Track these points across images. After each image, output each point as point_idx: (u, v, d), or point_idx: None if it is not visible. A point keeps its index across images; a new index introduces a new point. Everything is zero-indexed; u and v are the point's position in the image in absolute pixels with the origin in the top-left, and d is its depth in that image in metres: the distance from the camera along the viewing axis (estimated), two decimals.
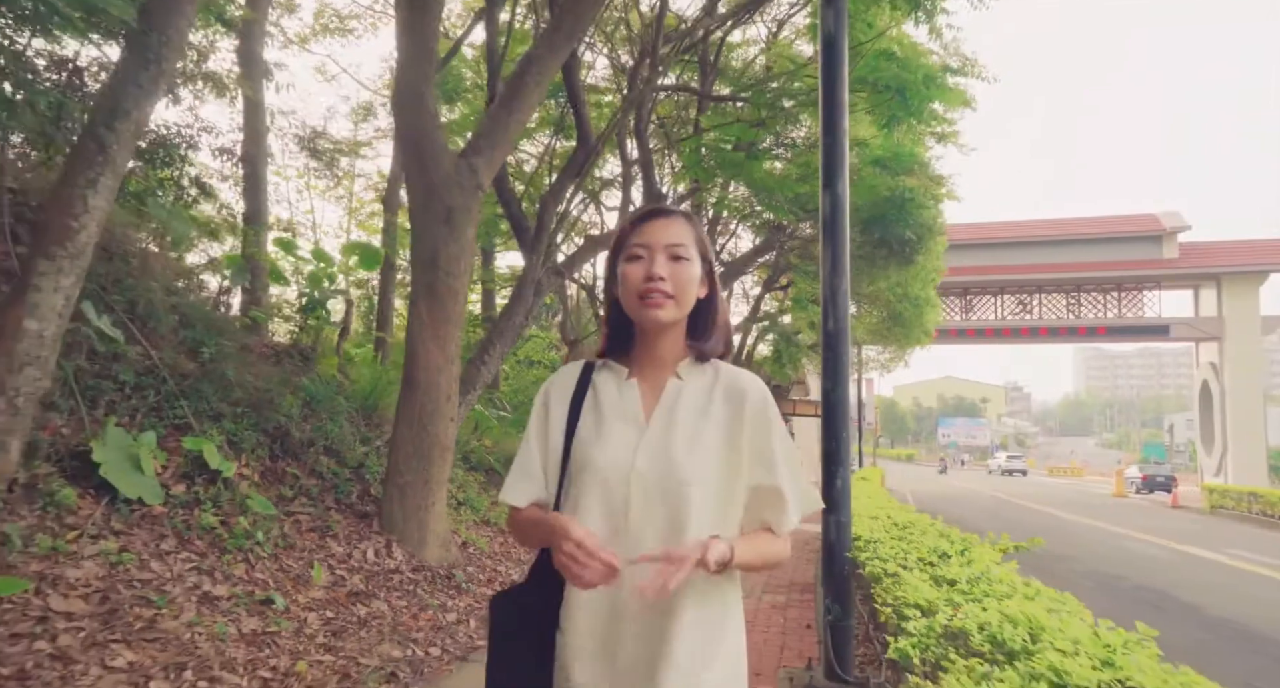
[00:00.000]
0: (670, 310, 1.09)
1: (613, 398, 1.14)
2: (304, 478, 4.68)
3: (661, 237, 1.10)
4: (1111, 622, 1.94)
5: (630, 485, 1.06)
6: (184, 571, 3.23)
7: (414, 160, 4.70)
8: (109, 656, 2.46)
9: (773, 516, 1.11)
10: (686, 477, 1.05)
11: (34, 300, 2.97)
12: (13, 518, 2.80)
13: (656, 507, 1.05)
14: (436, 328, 4.71)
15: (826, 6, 4.03)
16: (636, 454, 1.08)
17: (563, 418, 1.15)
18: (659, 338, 1.13)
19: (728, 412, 1.11)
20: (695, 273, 1.11)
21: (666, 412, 1.11)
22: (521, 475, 1.15)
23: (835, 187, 3.92)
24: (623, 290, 1.11)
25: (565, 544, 0.95)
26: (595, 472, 1.08)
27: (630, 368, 1.16)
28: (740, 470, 1.10)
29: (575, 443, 1.13)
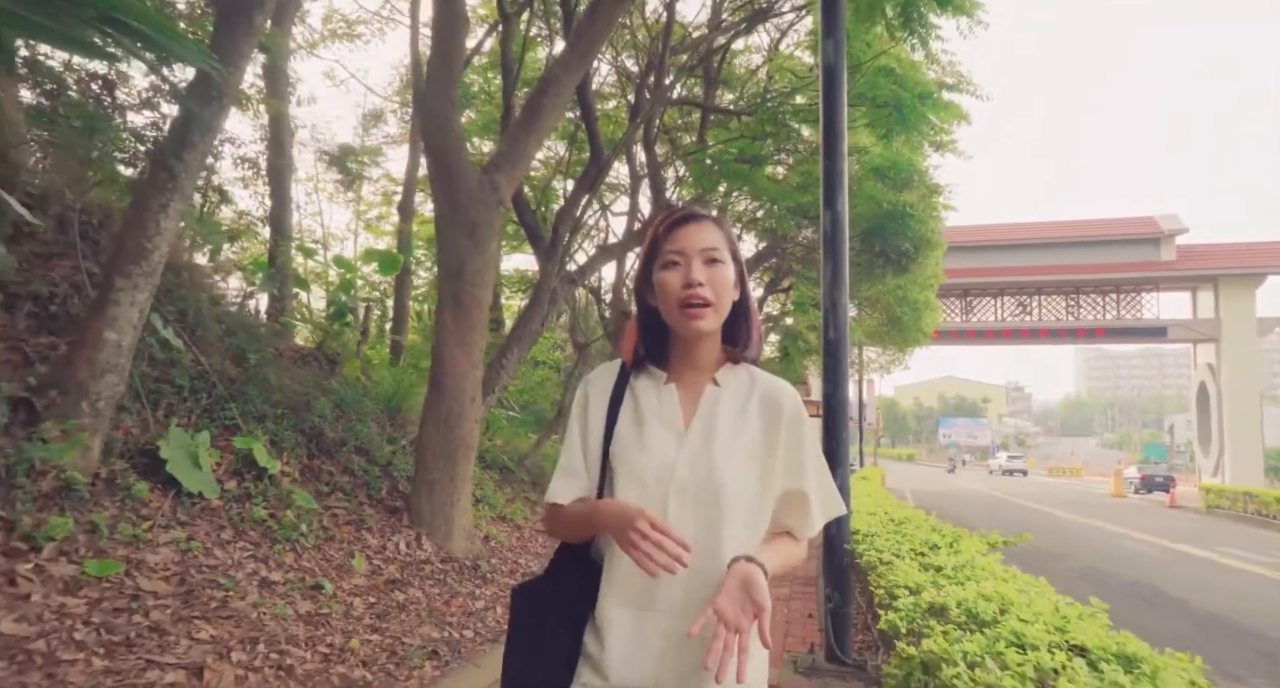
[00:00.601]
0: (711, 319, 1.10)
1: (652, 403, 1.15)
2: (338, 475, 5.01)
3: (696, 241, 1.11)
4: (1070, 598, 2.26)
5: (669, 491, 1.07)
6: (243, 558, 3.56)
7: (440, 177, 5.02)
8: (194, 630, 2.79)
9: (797, 521, 1.14)
10: (724, 484, 1.07)
11: (113, 314, 3.30)
12: (98, 509, 3.13)
13: (693, 512, 1.06)
14: (462, 335, 5.04)
15: (827, 38, 4.34)
16: (677, 460, 1.09)
17: (601, 419, 1.16)
18: (698, 345, 1.14)
19: (764, 420, 1.13)
20: (730, 276, 1.12)
21: (706, 419, 1.12)
22: (567, 475, 1.16)
23: (835, 205, 4.23)
24: (661, 299, 1.12)
25: (639, 523, 0.96)
26: (635, 476, 1.10)
27: (668, 373, 1.17)
28: (774, 479, 1.12)
29: (615, 446, 1.13)
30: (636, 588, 1.06)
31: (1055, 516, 17.62)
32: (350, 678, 3.01)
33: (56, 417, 3.14)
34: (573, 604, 1.11)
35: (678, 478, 1.07)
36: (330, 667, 3.03)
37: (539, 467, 8.87)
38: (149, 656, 2.54)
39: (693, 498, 1.07)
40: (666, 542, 0.94)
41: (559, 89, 5.40)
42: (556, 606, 1.12)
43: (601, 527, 1.05)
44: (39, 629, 2.38)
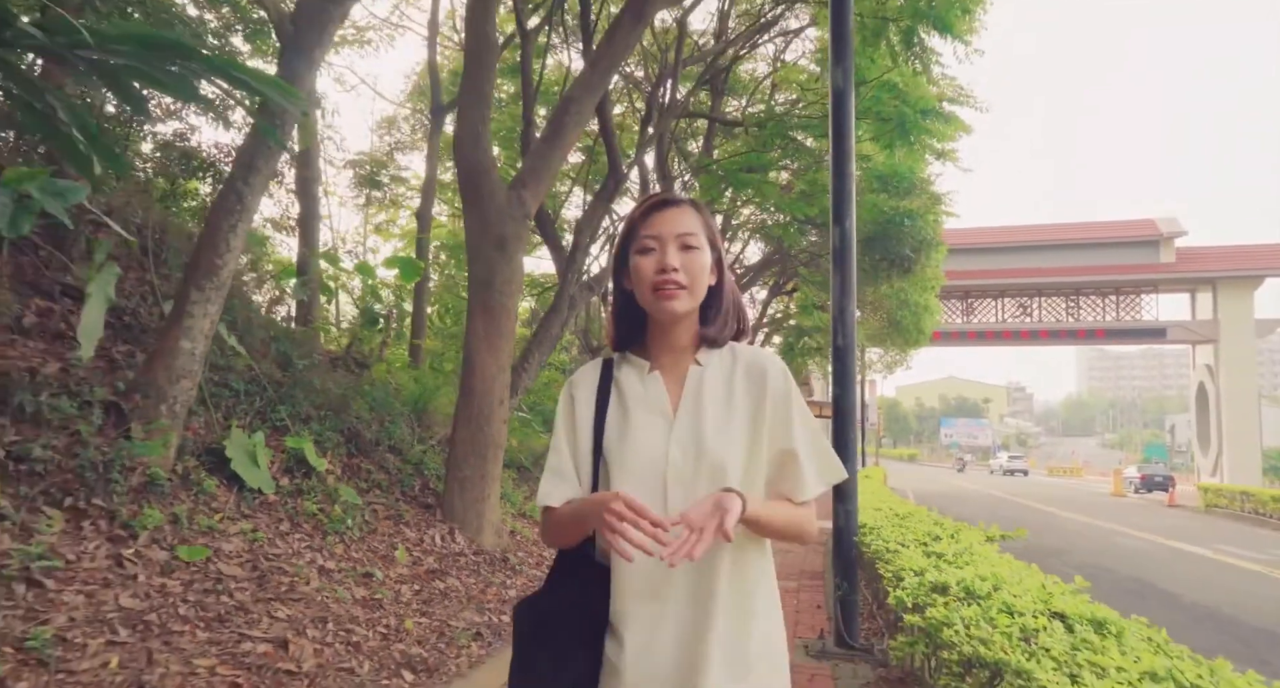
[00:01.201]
0: (684, 301, 1.09)
1: (637, 391, 1.14)
2: (375, 473, 5.33)
3: (672, 227, 1.10)
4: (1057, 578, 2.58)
5: (666, 477, 1.07)
6: (301, 548, 3.88)
7: (471, 193, 5.35)
8: (272, 610, 3.11)
9: (790, 482, 1.11)
10: (720, 463, 1.06)
11: (187, 325, 3.63)
12: (178, 502, 3.45)
13: (693, 496, 1.04)
14: (491, 341, 5.36)
15: (836, 66, 4.66)
16: (669, 446, 1.08)
17: (589, 416, 1.15)
18: (674, 328, 1.14)
19: (751, 391, 1.13)
20: (706, 261, 1.12)
21: (692, 400, 1.11)
22: (555, 478, 1.14)
23: (844, 222, 4.55)
24: (636, 283, 1.12)
25: (614, 504, 0.94)
26: (629, 467, 1.09)
27: (650, 360, 1.16)
28: (763, 446, 1.11)
29: (605, 440, 1.13)
30: (644, 581, 1.05)
31: (1055, 514, 17.89)
32: (409, 654, 3.33)
33: (140, 419, 3.47)
34: (579, 615, 1.08)
35: (672, 464, 1.07)
36: (390, 644, 3.36)
37: None
38: (240, 630, 2.86)
39: (690, 482, 1.06)
40: (641, 521, 0.92)
41: (580, 108, 5.72)
42: (562, 619, 1.09)
43: (587, 517, 1.02)
44: (149, 604, 2.71)
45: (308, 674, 2.79)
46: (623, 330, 1.19)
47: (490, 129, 5.51)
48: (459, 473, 5.33)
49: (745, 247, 12.35)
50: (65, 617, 2.40)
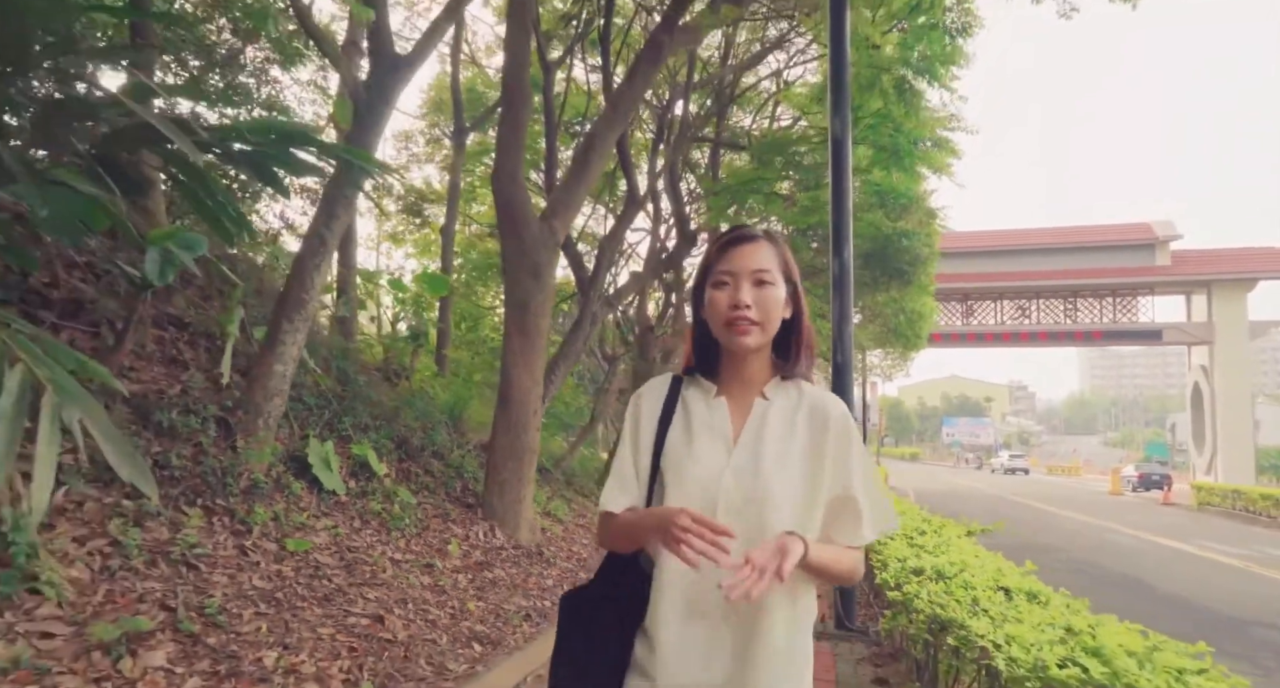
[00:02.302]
0: (756, 337, 1.13)
1: (702, 415, 1.17)
2: (423, 476, 5.95)
3: (747, 262, 1.13)
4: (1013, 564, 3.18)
5: (718, 501, 1.09)
6: (373, 541, 4.50)
7: (508, 225, 5.96)
8: (363, 592, 3.73)
9: (848, 529, 1.13)
10: (771, 496, 1.08)
11: (279, 351, 4.25)
12: (275, 503, 4.07)
13: (740, 523, 1.06)
14: (526, 357, 5.98)
15: (834, 116, 5.26)
16: (725, 472, 1.11)
17: (652, 430, 1.19)
18: (746, 360, 1.17)
19: (812, 432, 1.15)
20: (780, 296, 1.15)
21: (754, 432, 1.14)
22: (619, 484, 1.18)
23: (842, 254, 5.15)
24: (711, 316, 1.15)
25: (681, 518, 0.97)
26: (685, 486, 1.12)
27: (718, 385, 1.20)
28: (822, 489, 1.13)
29: (665, 456, 1.16)
30: (685, 595, 1.08)
31: (1052, 512, 18.43)
32: (475, 630, 3.95)
33: (244, 432, 4.09)
34: (620, 612, 1.13)
35: (725, 489, 1.10)
36: (458, 622, 3.97)
37: (573, 469, 9.81)
38: (344, 607, 3.48)
39: (740, 509, 1.09)
40: (706, 532, 0.96)
41: (602, 144, 6.34)
42: (604, 613, 1.14)
43: (647, 529, 1.06)
44: (274, 585, 3.33)
45: (402, 643, 3.41)
46: (699, 356, 1.22)
47: (523, 165, 6.11)
48: (498, 476, 5.95)
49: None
50: (220, 593, 3.02)
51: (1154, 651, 1.69)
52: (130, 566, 2.85)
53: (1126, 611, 2.63)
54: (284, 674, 2.73)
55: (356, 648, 3.17)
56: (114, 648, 2.37)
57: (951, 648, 2.32)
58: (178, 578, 2.96)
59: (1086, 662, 1.61)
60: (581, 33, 8.72)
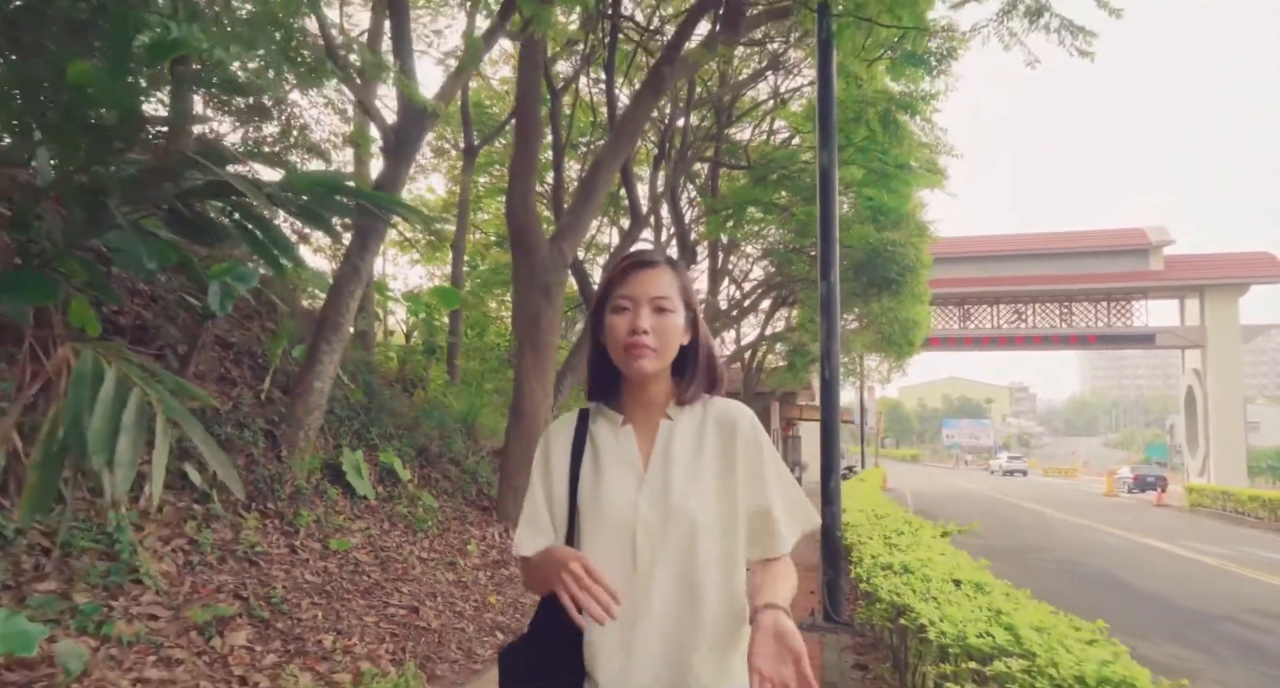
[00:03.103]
0: (652, 361, 1.12)
1: (610, 445, 1.17)
2: (441, 481, 6.40)
3: (646, 289, 1.13)
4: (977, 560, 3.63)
5: (636, 531, 1.09)
6: (401, 542, 4.95)
7: (520, 248, 6.41)
8: (398, 587, 4.19)
9: (767, 541, 1.13)
10: (689, 517, 1.08)
11: (318, 369, 4.71)
12: (315, 507, 4.53)
13: (664, 549, 1.08)
14: (539, 371, 6.43)
15: (822, 149, 5.72)
16: (639, 500, 1.11)
17: (565, 467, 1.18)
18: (646, 384, 1.17)
19: (720, 443, 1.15)
20: (678, 323, 1.14)
21: (662, 454, 1.14)
22: (531, 527, 1.17)
23: (829, 277, 5.60)
24: (609, 340, 1.15)
25: (572, 564, 0.97)
26: (600, 520, 1.11)
27: (624, 413, 1.19)
28: (738, 499, 1.13)
29: (579, 492, 1.15)
30: (618, 635, 1.06)
31: (1045, 514, 18.84)
32: (497, 621, 4.40)
33: (287, 443, 4.55)
34: (557, 659, 1.11)
35: (642, 517, 1.09)
36: (481, 614, 4.43)
37: None
38: (383, 599, 3.94)
39: (660, 535, 1.08)
40: (595, 588, 0.95)
41: (607, 171, 6.80)
42: (541, 662, 1.13)
43: (547, 573, 1.04)
44: (322, 579, 3.78)
45: (435, 631, 3.86)
46: (597, 382, 1.22)
47: (535, 193, 6.58)
48: (511, 482, 6.40)
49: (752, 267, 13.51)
50: (280, 585, 3.48)
51: (1054, 626, 2.14)
52: (206, 561, 3.31)
53: (1100, 607, 3.06)
54: (341, 654, 3.18)
55: (398, 634, 3.63)
56: (206, 629, 2.83)
57: (914, 631, 2.77)
58: (244, 572, 3.41)
59: (996, 633, 2.06)
60: (588, 56, 9.19)
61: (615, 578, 1.03)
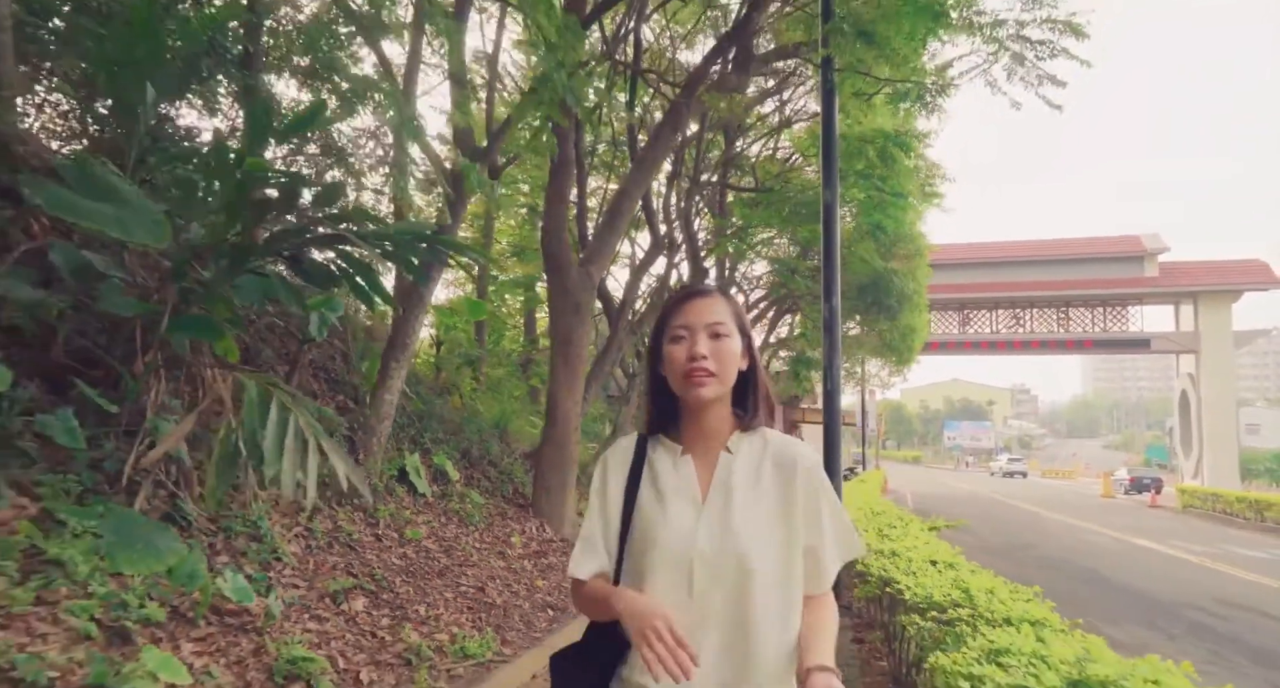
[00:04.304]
0: (713, 387, 1.15)
1: (670, 475, 1.20)
2: (483, 480, 7.13)
3: (702, 316, 1.17)
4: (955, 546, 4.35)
5: (694, 563, 1.11)
6: (458, 534, 5.68)
7: (554, 273, 7.14)
8: (464, 571, 4.92)
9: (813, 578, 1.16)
10: (746, 551, 1.10)
11: (388, 384, 5.44)
12: (387, 503, 5.25)
13: (719, 582, 1.10)
14: (570, 383, 7.16)
15: (826, 187, 6.44)
16: (697, 532, 1.13)
17: (620, 494, 1.21)
18: (706, 413, 1.19)
19: (779, 480, 1.17)
20: (736, 348, 1.18)
21: (722, 487, 1.16)
22: (588, 550, 1.21)
23: (832, 300, 6.32)
24: (669, 370, 1.18)
25: (658, 622, 1.00)
26: (659, 550, 1.13)
27: (683, 444, 1.22)
28: (798, 537, 1.14)
29: (637, 519, 1.18)
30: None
31: (1040, 515, 19.50)
32: (546, 600, 5.13)
33: (363, 448, 5.28)
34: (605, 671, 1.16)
35: (700, 550, 1.11)
36: (532, 594, 5.16)
37: None
38: (454, 581, 4.67)
39: (716, 569, 1.10)
40: (679, 652, 0.97)
41: (630, 200, 7.54)
42: (590, 672, 1.17)
43: (623, 616, 1.07)
44: (406, 563, 4.51)
45: (500, 606, 4.60)
46: (656, 414, 1.25)
47: (566, 224, 7.32)
48: (545, 482, 7.13)
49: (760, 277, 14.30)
50: (376, 567, 4.21)
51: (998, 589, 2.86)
52: (320, 545, 4.04)
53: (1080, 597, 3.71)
54: (434, 621, 3.91)
55: (472, 607, 4.36)
56: (336, 597, 3.56)
57: (896, 597, 3.49)
58: (348, 555, 4.15)
59: (955, 593, 2.78)
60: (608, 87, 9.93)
61: (670, 604, 1.07)
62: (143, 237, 2.62)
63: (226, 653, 2.65)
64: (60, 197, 2.43)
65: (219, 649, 2.64)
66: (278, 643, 2.87)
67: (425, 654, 3.49)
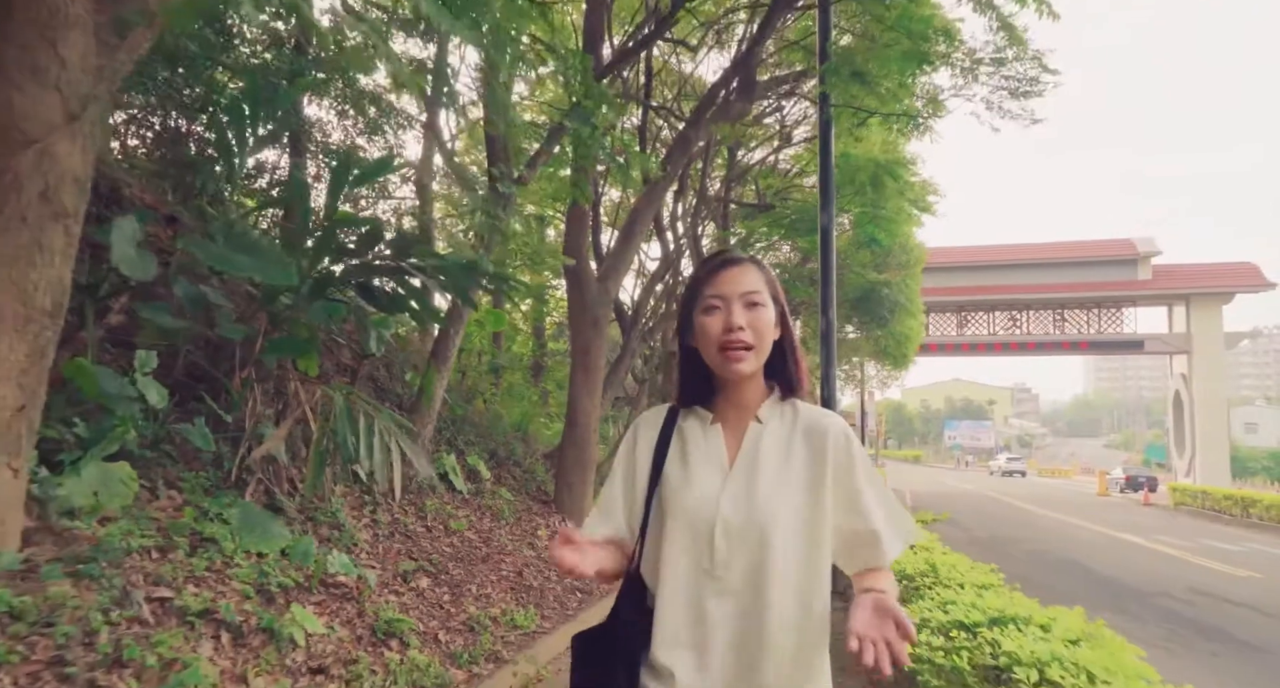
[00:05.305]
0: (751, 362, 1.13)
1: (698, 443, 1.19)
2: (509, 479, 7.78)
3: (736, 285, 1.13)
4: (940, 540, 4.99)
5: (715, 530, 1.11)
6: (493, 527, 6.32)
7: (574, 289, 7.79)
8: (502, 559, 5.56)
9: (871, 555, 1.15)
10: (769, 521, 1.09)
11: (429, 392, 6.09)
12: (432, 499, 5.90)
13: (741, 550, 1.10)
14: (589, 389, 7.81)
15: (823, 211, 7.07)
16: (721, 499, 1.13)
17: (649, 460, 1.22)
18: (741, 385, 1.18)
19: (809, 452, 1.15)
20: (771, 318, 1.15)
21: (749, 456, 1.16)
22: (602, 516, 1.24)
23: (828, 313, 6.95)
24: (702, 342, 1.15)
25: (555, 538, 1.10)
26: (682, 516, 1.14)
27: (714, 413, 1.21)
28: (825, 510, 1.12)
29: (662, 486, 1.19)
30: (688, 631, 1.10)
31: (1033, 512, 20.06)
32: (574, 585, 5.78)
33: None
34: (629, 648, 1.15)
35: (722, 516, 1.11)
36: (562, 580, 5.80)
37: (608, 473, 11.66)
38: (496, 566, 5.32)
39: (739, 536, 1.10)
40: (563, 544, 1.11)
41: (643, 220, 8.19)
42: (613, 650, 1.17)
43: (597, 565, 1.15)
44: (454, 551, 5.16)
45: (536, 589, 5.24)
46: (689, 389, 1.23)
47: (586, 244, 7.97)
48: (566, 479, 7.78)
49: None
50: (433, 552, 4.85)
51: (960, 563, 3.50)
52: (384, 534, 4.69)
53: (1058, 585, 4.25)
54: (485, 598, 4.56)
55: (514, 588, 5.01)
56: (405, 577, 4.21)
57: None
58: (408, 542, 4.80)
59: (924, 567, 3.42)
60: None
61: (692, 575, 1.09)
62: (277, 279, 3.27)
63: (337, 614, 3.29)
64: (214, 251, 3.08)
65: (331, 611, 3.29)
66: (375, 607, 3.51)
67: (484, 623, 4.13)
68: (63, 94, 2.03)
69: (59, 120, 2.04)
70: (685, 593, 1.11)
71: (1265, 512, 17.58)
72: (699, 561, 1.12)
